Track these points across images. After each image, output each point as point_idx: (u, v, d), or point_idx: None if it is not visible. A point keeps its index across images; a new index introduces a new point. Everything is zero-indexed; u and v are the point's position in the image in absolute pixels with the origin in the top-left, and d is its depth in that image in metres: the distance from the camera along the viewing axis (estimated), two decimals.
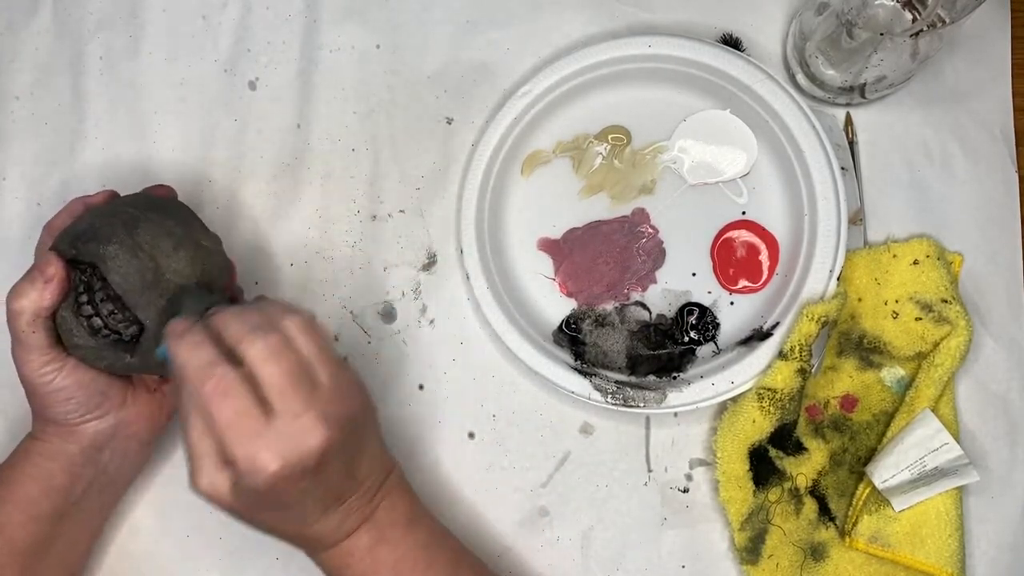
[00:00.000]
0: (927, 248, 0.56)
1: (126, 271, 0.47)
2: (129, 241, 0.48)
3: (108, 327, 0.48)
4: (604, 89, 0.60)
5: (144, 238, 0.48)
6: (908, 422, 0.54)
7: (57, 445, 0.51)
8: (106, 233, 0.48)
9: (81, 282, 0.48)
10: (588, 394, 0.56)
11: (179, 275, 0.49)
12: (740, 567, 0.56)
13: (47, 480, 0.50)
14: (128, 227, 0.48)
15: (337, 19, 0.64)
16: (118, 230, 0.48)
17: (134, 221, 0.48)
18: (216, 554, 0.59)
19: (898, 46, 0.53)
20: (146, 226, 0.48)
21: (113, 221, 0.48)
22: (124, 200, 0.51)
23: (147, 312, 0.48)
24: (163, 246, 0.48)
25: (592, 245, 0.60)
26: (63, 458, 0.51)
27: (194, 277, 0.49)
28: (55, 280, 0.47)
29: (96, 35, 0.64)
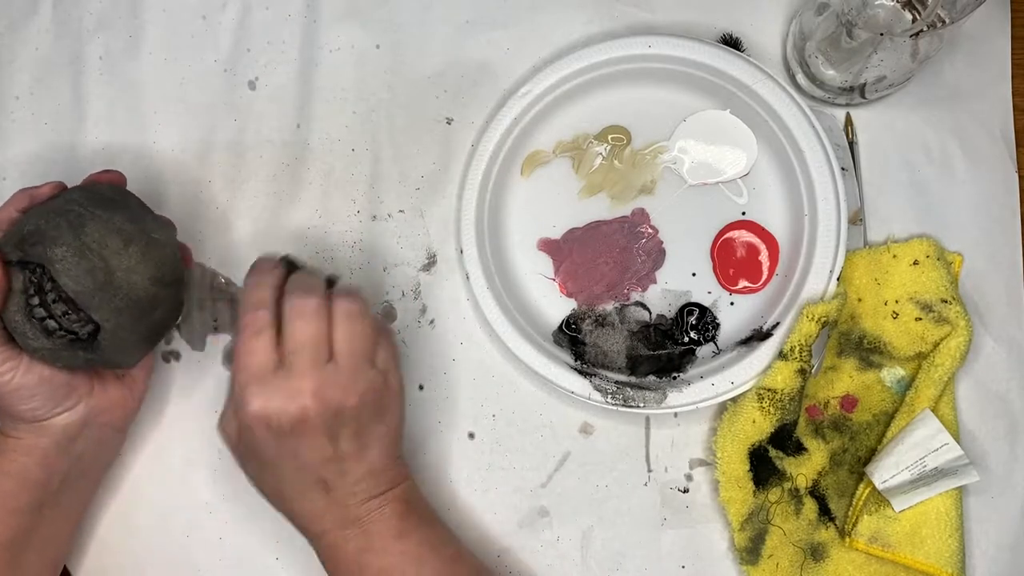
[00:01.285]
0: (927, 248, 0.56)
1: (76, 273, 0.47)
2: (76, 242, 0.47)
3: (63, 328, 0.48)
4: (604, 89, 0.60)
5: (92, 237, 0.47)
6: (908, 422, 0.54)
7: (29, 440, 0.50)
8: (52, 235, 0.47)
9: (31, 284, 0.47)
10: (588, 394, 0.56)
11: (131, 272, 0.48)
12: (740, 567, 0.56)
13: (22, 474, 0.50)
14: (75, 227, 0.47)
15: (337, 19, 0.64)
16: (64, 231, 0.47)
17: (80, 220, 0.47)
18: (216, 554, 0.59)
19: (898, 46, 0.53)
20: (93, 224, 0.47)
21: (59, 221, 0.47)
22: (71, 195, 0.50)
23: (101, 312, 0.47)
24: (112, 244, 0.47)
25: (592, 245, 0.60)
26: (36, 452, 0.50)
27: (147, 273, 0.48)
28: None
29: (96, 35, 0.64)
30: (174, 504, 0.59)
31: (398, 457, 0.51)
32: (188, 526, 0.59)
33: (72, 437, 0.51)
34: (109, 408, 0.53)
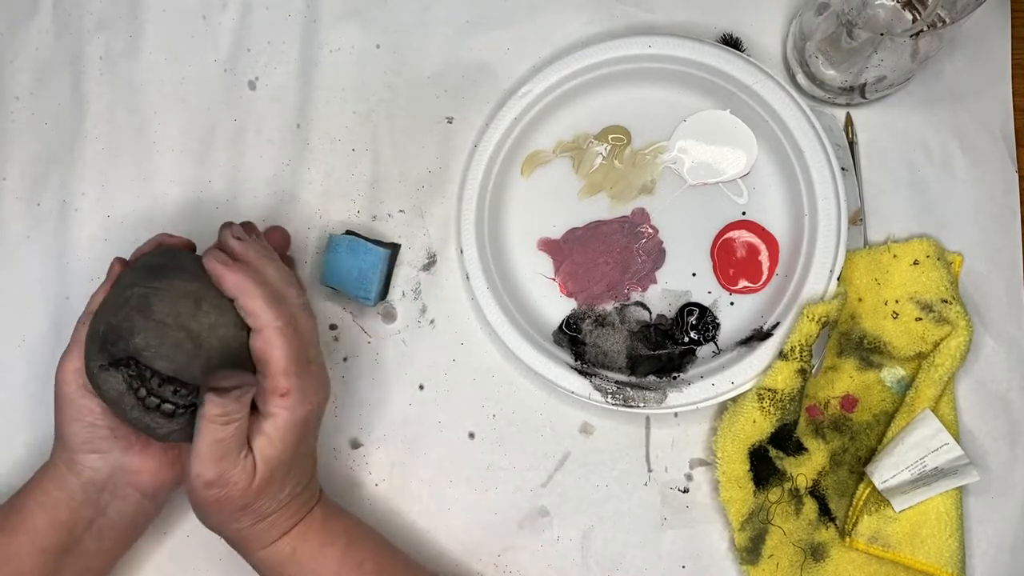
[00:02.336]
0: (927, 248, 0.56)
1: (164, 353, 0.46)
2: (151, 324, 0.46)
3: (180, 405, 0.47)
4: (604, 89, 0.60)
5: (163, 312, 0.46)
6: (908, 422, 0.54)
7: (62, 472, 0.50)
8: (126, 327, 0.46)
9: (131, 379, 0.46)
10: (588, 394, 0.56)
11: (214, 328, 0.47)
12: (740, 567, 0.56)
13: (52, 511, 0.50)
14: (143, 310, 0.46)
15: (337, 19, 0.64)
16: (135, 319, 0.46)
17: (145, 301, 0.46)
18: (216, 554, 0.59)
19: (898, 46, 0.53)
20: (158, 299, 0.46)
21: (126, 312, 0.46)
22: (124, 280, 0.48)
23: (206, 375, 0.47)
24: (184, 310, 0.46)
25: (592, 245, 0.60)
26: (66, 490, 0.50)
27: (229, 322, 0.47)
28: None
29: (96, 35, 0.64)
30: (174, 504, 0.59)
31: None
32: (188, 526, 0.59)
33: (98, 486, 0.51)
34: (141, 470, 0.52)
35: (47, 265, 0.61)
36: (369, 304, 0.59)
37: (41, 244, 0.62)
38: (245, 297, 0.47)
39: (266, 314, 0.46)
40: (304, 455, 0.50)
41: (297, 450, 0.48)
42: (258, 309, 0.46)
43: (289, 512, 0.50)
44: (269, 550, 0.50)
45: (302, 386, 0.47)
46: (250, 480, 0.47)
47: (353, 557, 0.51)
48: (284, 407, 0.47)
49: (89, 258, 0.61)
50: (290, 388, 0.47)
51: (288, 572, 0.50)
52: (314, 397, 0.48)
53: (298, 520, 0.50)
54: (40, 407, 0.60)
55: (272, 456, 0.47)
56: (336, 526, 0.52)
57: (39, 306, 0.61)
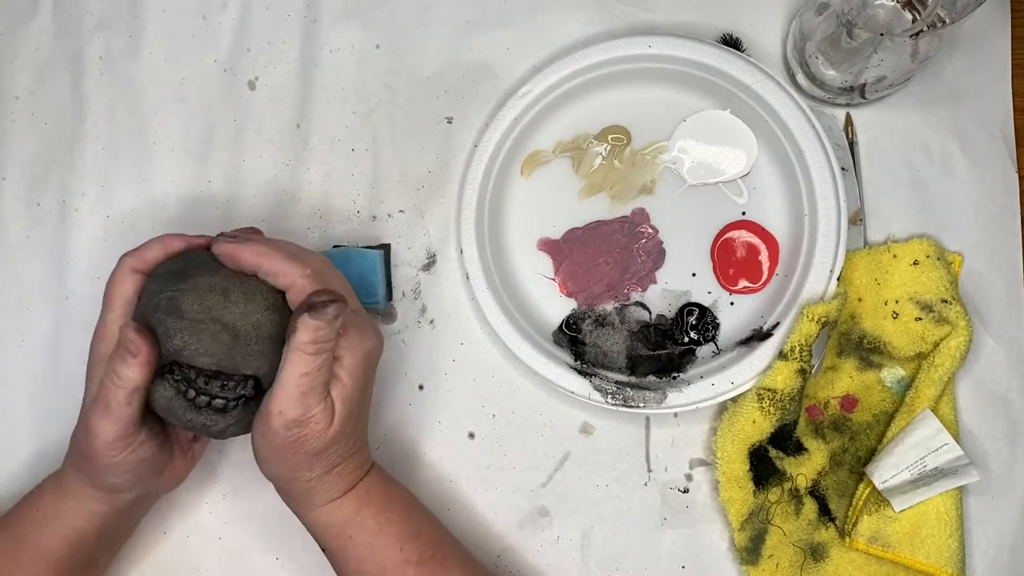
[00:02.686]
0: (927, 248, 0.56)
1: (204, 348, 0.46)
2: (184, 323, 0.46)
3: (231, 398, 0.47)
4: (604, 89, 0.60)
5: (194, 310, 0.46)
6: (908, 422, 0.54)
7: (92, 507, 0.50)
8: (161, 331, 0.46)
9: (178, 382, 0.46)
10: (588, 394, 0.56)
11: (247, 315, 0.47)
12: (740, 567, 0.56)
13: (78, 539, 0.50)
14: (174, 312, 0.46)
15: (337, 19, 0.64)
16: (168, 321, 0.46)
17: (173, 303, 0.46)
18: (216, 554, 0.59)
19: (898, 46, 0.53)
20: (186, 299, 0.46)
21: (158, 316, 0.46)
22: (148, 290, 0.48)
23: (248, 364, 0.47)
24: (214, 303, 0.46)
25: (592, 245, 0.60)
26: (96, 520, 0.50)
27: (260, 306, 0.47)
28: (141, 355, 0.45)
29: (96, 35, 0.64)
30: (174, 504, 0.59)
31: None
32: (188, 526, 0.59)
33: (132, 507, 0.52)
34: (168, 482, 0.52)
35: (47, 265, 0.61)
36: (379, 307, 0.59)
37: (41, 244, 0.62)
38: (266, 260, 0.47)
39: (292, 268, 0.47)
40: (367, 401, 0.50)
41: (364, 393, 0.49)
42: (283, 266, 0.47)
43: (354, 464, 0.49)
44: (333, 506, 0.49)
45: (356, 323, 0.48)
46: (329, 421, 0.46)
47: (412, 525, 0.51)
48: (347, 348, 0.47)
49: (89, 258, 0.61)
50: (347, 326, 0.47)
51: (350, 532, 0.49)
52: (370, 335, 0.48)
53: (360, 476, 0.50)
54: (41, 407, 0.60)
55: (347, 397, 0.47)
56: (395, 492, 0.52)
57: (39, 306, 0.61)
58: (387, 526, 0.50)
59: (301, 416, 0.45)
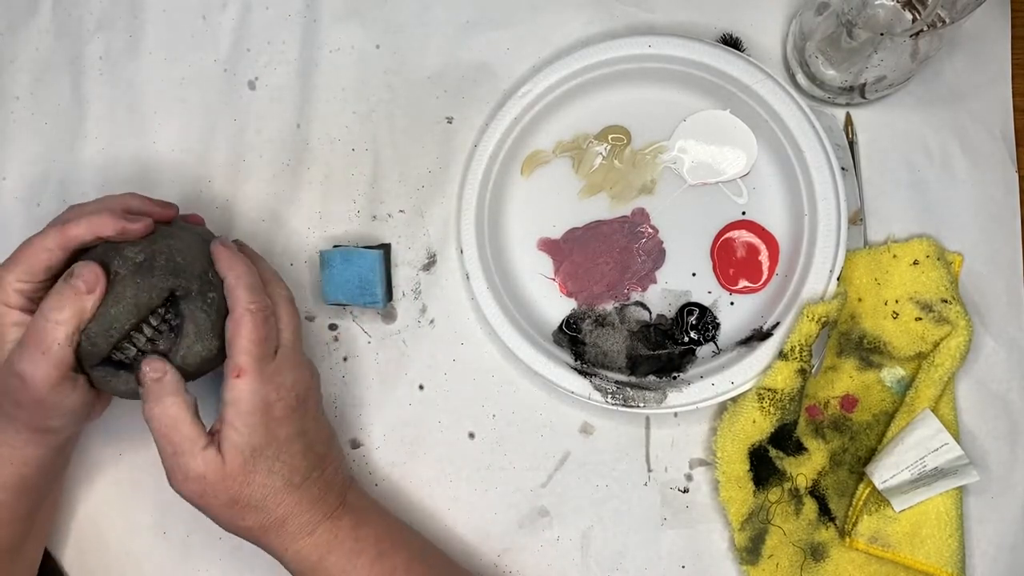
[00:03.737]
0: (927, 248, 0.56)
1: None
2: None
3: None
4: (604, 89, 0.60)
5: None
6: (908, 422, 0.54)
7: (30, 451, 0.50)
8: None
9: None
10: (588, 394, 0.56)
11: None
12: (740, 567, 0.56)
13: (23, 484, 0.50)
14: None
15: (337, 19, 0.64)
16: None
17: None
18: (216, 554, 0.59)
19: (898, 46, 0.53)
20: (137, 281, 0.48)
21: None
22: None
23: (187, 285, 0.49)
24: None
25: (592, 245, 0.60)
26: (34, 462, 0.50)
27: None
28: (97, 290, 0.46)
29: (96, 35, 0.64)
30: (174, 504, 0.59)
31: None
32: (188, 526, 0.59)
33: (68, 442, 0.52)
34: (99, 414, 0.53)
35: None
36: (379, 308, 0.59)
37: None
38: (232, 275, 0.49)
39: (244, 296, 0.48)
40: (289, 441, 0.48)
41: (273, 434, 0.48)
42: (240, 291, 0.48)
43: (302, 507, 0.49)
44: (294, 554, 0.49)
45: (262, 369, 0.47)
46: (219, 470, 0.46)
47: (384, 566, 0.50)
48: (242, 390, 0.47)
49: None
50: (246, 369, 0.47)
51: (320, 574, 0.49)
52: (281, 382, 0.48)
53: (319, 520, 0.49)
54: None
55: (239, 441, 0.47)
56: (368, 533, 0.51)
57: None
58: (353, 572, 0.50)
59: (183, 477, 0.47)
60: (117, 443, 0.60)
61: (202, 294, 0.49)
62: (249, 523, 0.48)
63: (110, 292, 0.47)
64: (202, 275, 0.49)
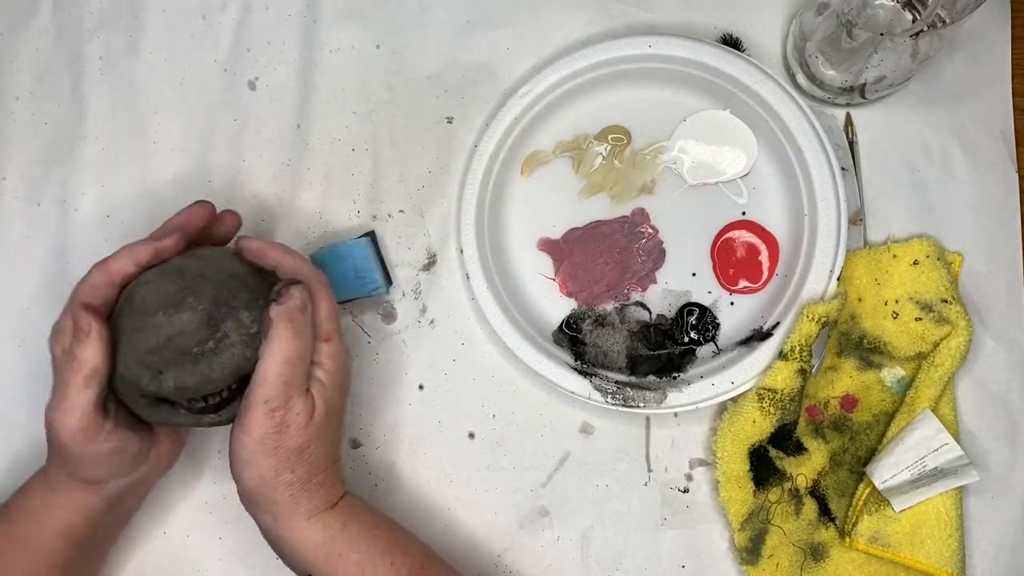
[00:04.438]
0: (927, 248, 0.56)
1: (200, 373, 0.46)
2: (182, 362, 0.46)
3: (223, 398, 0.48)
4: (604, 89, 0.60)
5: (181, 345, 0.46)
6: (908, 422, 0.54)
7: (80, 500, 0.50)
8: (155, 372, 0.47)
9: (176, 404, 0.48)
10: (588, 394, 0.56)
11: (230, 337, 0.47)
12: (740, 567, 0.56)
13: (70, 532, 0.50)
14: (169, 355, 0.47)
15: (337, 19, 0.64)
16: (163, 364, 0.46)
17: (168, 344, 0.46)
18: (216, 554, 0.59)
19: (898, 46, 0.53)
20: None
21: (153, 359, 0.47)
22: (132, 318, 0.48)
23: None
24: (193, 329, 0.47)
25: (592, 245, 0.60)
26: (86, 511, 0.50)
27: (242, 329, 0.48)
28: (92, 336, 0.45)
29: (96, 35, 0.64)
30: (174, 504, 0.59)
31: None
32: (188, 526, 0.59)
33: (122, 496, 0.52)
34: (158, 467, 0.53)
35: (47, 265, 0.61)
36: (383, 293, 0.59)
37: (41, 244, 0.62)
38: (288, 262, 0.50)
39: (310, 272, 0.50)
40: (342, 410, 0.51)
41: (341, 400, 0.50)
42: (305, 268, 0.50)
43: (335, 478, 0.50)
44: (319, 521, 0.48)
45: (340, 337, 0.50)
46: (309, 415, 0.47)
47: (399, 539, 0.51)
48: (327, 355, 0.49)
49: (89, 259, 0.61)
50: (332, 333, 0.49)
51: (339, 549, 0.48)
52: (347, 355, 0.51)
53: (342, 492, 0.50)
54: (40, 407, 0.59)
55: (327, 397, 0.48)
56: (376, 511, 0.52)
57: (39, 306, 0.61)
58: (375, 541, 0.50)
59: (284, 403, 0.46)
60: None
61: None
62: (296, 476, 0.47)
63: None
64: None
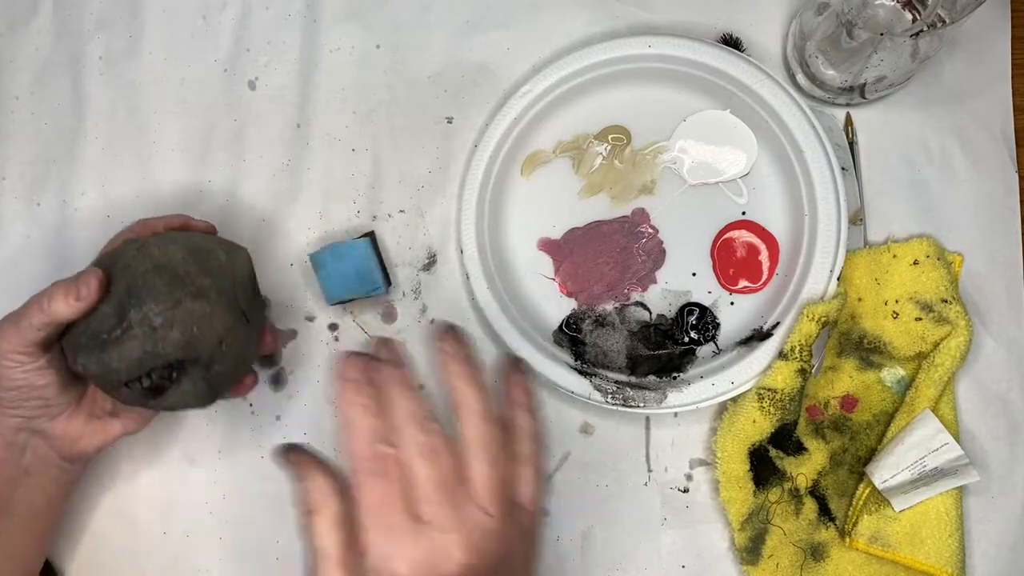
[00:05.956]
0: (927, 248, 0.56)
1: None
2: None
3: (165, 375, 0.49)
4: (604, 89, 0.60)
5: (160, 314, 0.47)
6: (908, 422, 0.54)
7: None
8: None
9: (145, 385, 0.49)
10: (588, 394, 0.56)
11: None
12: (740, 567, 0.56)
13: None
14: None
15: (337, 19, 0.64)
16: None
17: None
18: (216, 554, 0.59)
19: (898, 46, 0.53)
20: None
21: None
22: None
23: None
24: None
25: (592, 245, 0.60)
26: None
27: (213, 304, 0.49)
28: (86, 301, 0.47)
29: (96, 35, 0.64)
30: (174, 504, 0.59)
31: None
32: (188, 526, 0.59)
33: (20, 446, 0.51)
34: (64, 436, 0.52)
35: (47, 265, 0.61)
36: (383, 293, 0.59)
37: (41, 244, 0.62)
38: (345, 435, 0.39)
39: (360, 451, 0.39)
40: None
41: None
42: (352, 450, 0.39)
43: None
44: None
45: (390, 554, 0.37)
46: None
47: None
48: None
49: (89, 259, 0.61)
50: (368, 545, 0.37)
51: None
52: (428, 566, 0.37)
53: None
54: None
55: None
56: None
57: None
58: None
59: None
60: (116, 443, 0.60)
61: (209, 364, 0.48)
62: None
63: (119, 341, 0.47)
64: (215, 347, 0.48)
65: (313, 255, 0.59)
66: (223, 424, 0.60)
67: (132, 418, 0.54)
